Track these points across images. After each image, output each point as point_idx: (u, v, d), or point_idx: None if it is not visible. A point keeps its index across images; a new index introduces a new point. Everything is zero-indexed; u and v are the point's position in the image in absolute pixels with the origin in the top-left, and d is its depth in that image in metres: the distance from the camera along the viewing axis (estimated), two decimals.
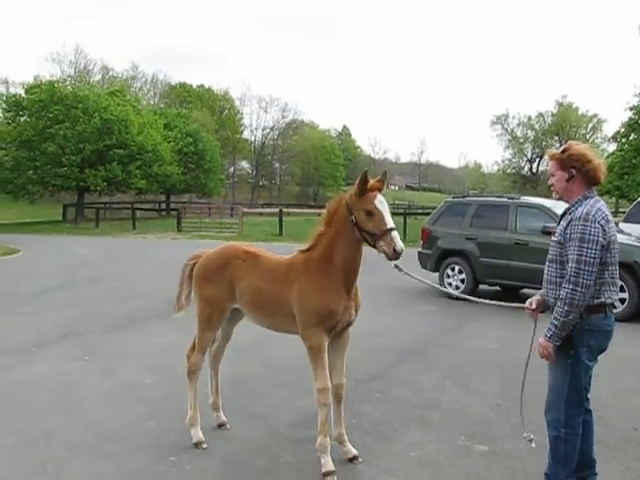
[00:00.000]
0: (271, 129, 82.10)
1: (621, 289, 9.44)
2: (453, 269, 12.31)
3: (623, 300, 9.77)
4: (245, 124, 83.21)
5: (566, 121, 74.47)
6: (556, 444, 3.79)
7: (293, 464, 4.58)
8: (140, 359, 7.44)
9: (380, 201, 4.21)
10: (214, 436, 5.05)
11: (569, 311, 3.55)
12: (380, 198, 4.23)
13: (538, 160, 76.42)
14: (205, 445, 4.85)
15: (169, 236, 29.35)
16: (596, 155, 3.78)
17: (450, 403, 6.00)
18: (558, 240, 3.74)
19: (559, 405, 3.74)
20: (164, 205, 51.37)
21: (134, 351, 7.85)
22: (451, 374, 6.95)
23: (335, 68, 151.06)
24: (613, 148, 44.85)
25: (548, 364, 3.82)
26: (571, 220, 3.65)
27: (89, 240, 26.93)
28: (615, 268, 3.72)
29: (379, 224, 4.16)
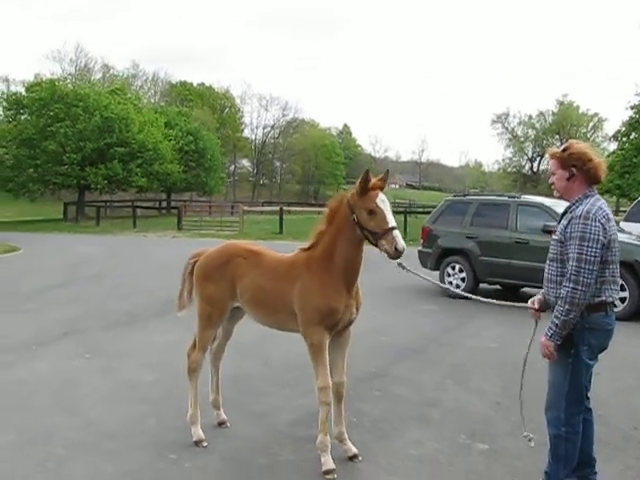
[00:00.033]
0: (272, 127, 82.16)
1: (621, 288, 9.44)
2: (453, 268, 12.30)
3: (623, 299, 9.79)
4: (246, 122, 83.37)
5: (567, 120, 74.37)
6: (556, 443, 3.80)
7: (293, 462, 4.58)
8: (140, 357, 7.45)
9: (382, 200, 4.21)
10: (214, 434, 5.05)
11: (570, 310, 3.55)
12: (382, 197, 4.22)
13: (539, 159, 76.36)
14: (205, 443, 4.85)
15: (169, 234, 29.35)
16: (597, 154, 3.78)
17: (450, 401, 6.00)
18: (559, 239, 3.74)
19: (559, 403, 3.74)
20: (165, 203, 51.45)
21: (134, 349, 7.86)
22: (451, 373, 6.95)
23: (335, 67, 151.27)
24: (614, 147, 44.85)
25: (548, 363, 3.83)
26: (571, 219, 3.66)
27: (90, 238, 26.93)
28: (616, 267, 3.72)
29: (381, 223, 4.16)
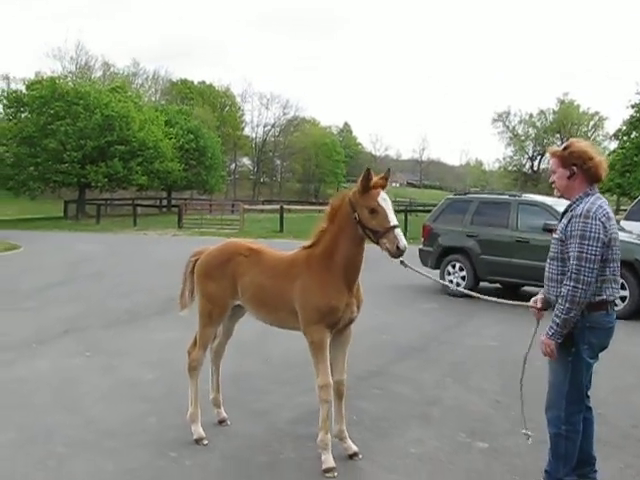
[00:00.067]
0: (272, 126, 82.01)
1: (622, 287, 9.44)
2: (454, 266, 12.30)
3: (624, 298, 9.79)
4: (246, 121, 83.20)
5: (567, 119, 74.29)
6: (556, 441, 3.80)
7: (294, 460, 4.58)
8: (141, 355, 7.45)
9: (383, 198, 4.20)
10: (215, 432, 5.05)
11: (570, 308, 3.55)
12: (383, 195, 4.21)
13: (539, 158, 76.30)
14: (206, 441, 4.86)
15: (170, 232, 29.33)
16: (597, 152, 3.78)
17: (450, 400, 6.00)
18: (559, 238, 3.74)
19: (560, 402, 3.74)
20: (165, 202, 51.45)
21: (135, 347, 7.86)
22: (452, 371, 6.96)
23: (336, 66, 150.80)
24: (615, 146, 44.84)
25: (549, 361, 3.83)
26: (572, 217, 3.65)
27: (90, 236, 26.93)
28: (617, 265, 3.72)
29: (382, 221, 4.15)
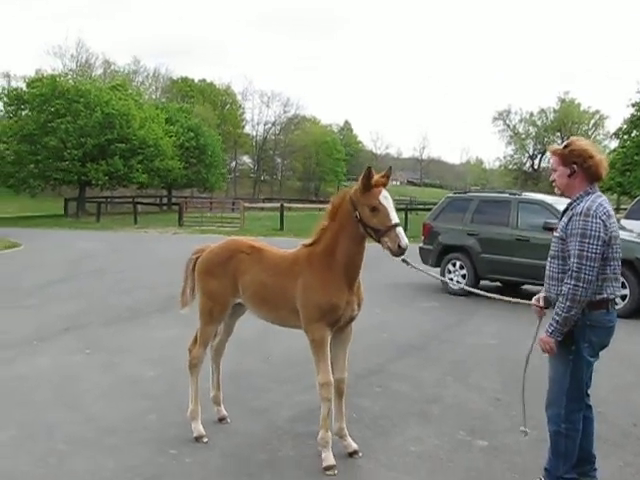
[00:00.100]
0: (273, 124, 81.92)
1: (622, 285, 9.44)
2: (454, 265, 12.30)
3: (624, 297, 9.79)
4: (247, 119, 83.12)
5: (568, 117, 74.21)
6: (556, 439, 3.81)
7: (293, 458, 4.59)
8: (142, 352, 7.46)
9: (385, 197, 4.19)
10: (215, 430, 5.06)
11: (571, 306, 3.55)
12: (385, 194, 4.20)
13: (540, 156, 76.23)
14: (206, 439, 4.87)
15: (170, 230, 29.33)
16: (598, 151, 3.78)
17: (450, 398, 6.01)
18: (560, 236, 3.74)
19: (560, 400, 3.75)
20: (165, 200, 51.40)
21: (136, 344, 7.86)
22: (452, 369, 6.96)
23: (336, 64, 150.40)
24: (615, 145, 44.86)
25: (549, 359, 3.83)
26: (572, 216, 3.66)
27: (90, 234, 26.94)
28: (617, 264, 3.72)
29: (384, 220, 4.15)
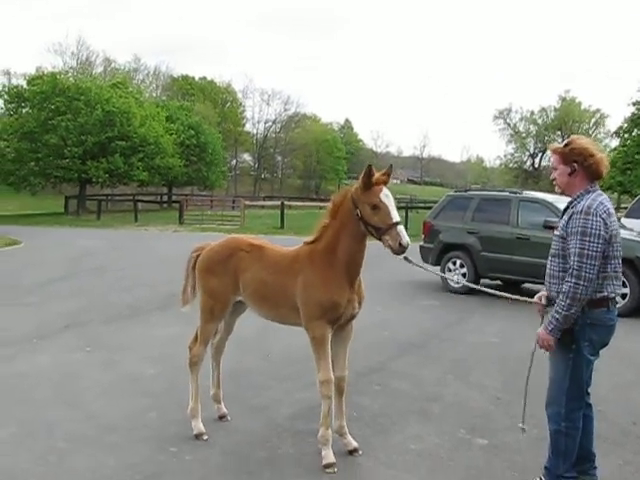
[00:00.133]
0: (273, 122, 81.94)
1: (622, 284, 9.44)
2: (454, 263, 12.29)
3: (624, 295, 9.78)
4: (247, 117, 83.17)
5: (569, 116, 74.19)
6: (557, 438, 3.81)
7: (293, 456, 4.59)
8: (142, 350, 7.46)
9: (386, 195, 4.18)
10: (215, 428, 5.07)
11: (571, 305, 3.55)
12: (386, 192, 4.20)
13: (540, 155, 76.21)
14: (206, 436, 4.87)
15: (171, 228, 29.35)
16: (598, 149, 3.78)
17: (450, 396, 6.01)
18: (560, 234, 3.74)
19: (560, 399, 3.75)
20: (166, 197, 51.44)
21: (136, 342, 7.86)
22: (452, 368, 6.96)
23: (337, 62, 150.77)
24: (616, 143, 44.85)
25: (549, 358, 3.84)
26: (573, 214, 3.65)
27: (91, 232, 26.95)
28: (618, 262, 3.72)
29: (385, 218, 4.14)
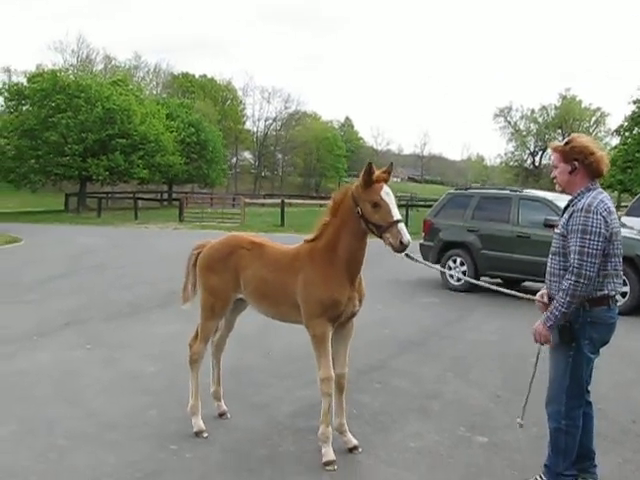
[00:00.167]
0: (274, 120, 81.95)
1: (622, 282, 9.42)
2: (455, 261, 12.29)
3: (624, 294, 9.77)
4: (248, 115, 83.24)
5: (569, 114, 74.18)
6: (556, 436, 3.81)
7: (294, 454, 4.60)
8: (142, 348, 7.46)
9: (386, 192, 4.17)
10: (215, 425, 5.07)
11: (571, 302, 3.56)
12: (386, 189, 4.19)
13: (541, 153, 76.25)
14: (206, 434, 4.87)
15: (171, 226, 29.35)
16: (599, 147, 3.78)
17: (450, 394, 6.01)
18: (561, 232, 3.74)
19: (560, 397, 3.76)
20: (166, 195, 51.49)
21: (136, 340, 7.86)
22: (452, 365, 6.96)
23: (338, 60, 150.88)
24: (616, 142, 44.85)
25: (550, 357, 3.84)
26: (573, 212, 3.65)
27: (91, 229, 26.94)
28: (619, 260, 3.73)
29: (385, 216, 4.13)
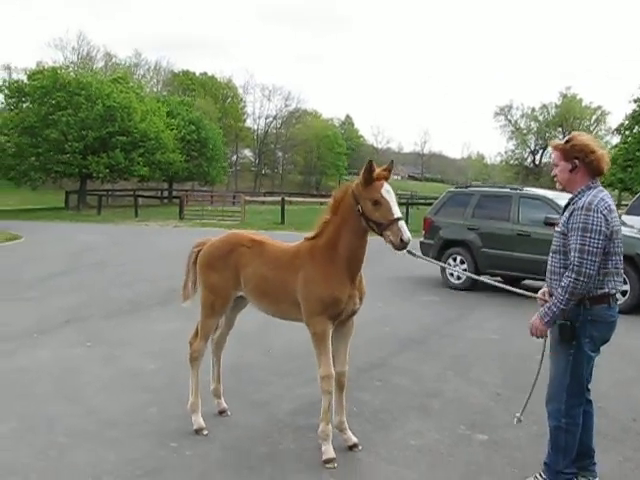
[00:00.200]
0: (274, 118, 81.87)
1: (623, 281, 9.42)
2: (455, 259, 12.29)
3: (624, 292, 9.77)
4: (248, 112, 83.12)
5: (570, 113, 74.08)
6: (557, 434, 3.82)
7: (294, 451, 4.60)
8: (143, 345, 7.46)
9: (387, 190, 4.17)
10: (215, 423, 5.07)
11: (569, 300, 3.57)
12: (387, 187, 4.18)
13: (541, 151, 76.19)
14: (206, 432, 4.87)
15: (171, 224, 29.32)
16: (599, 145, 3.78)
17: (450, 392, 6.01)
18: (561, 231, 3.74)
19: (560, 395, 3.76)
20: (166, 193, 51.43)
21: (137, 337, 7.87)
22: (452, 364, 6.96)
23: (338, 58, 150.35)
24: (617, 140, 44.83)
25: (550, 355, 3.85)
26: (574, 210, 3.65)
27: (91, 227, 26.94)
28: (619, 258, 3.73)
29: (386, 214, 4.13)
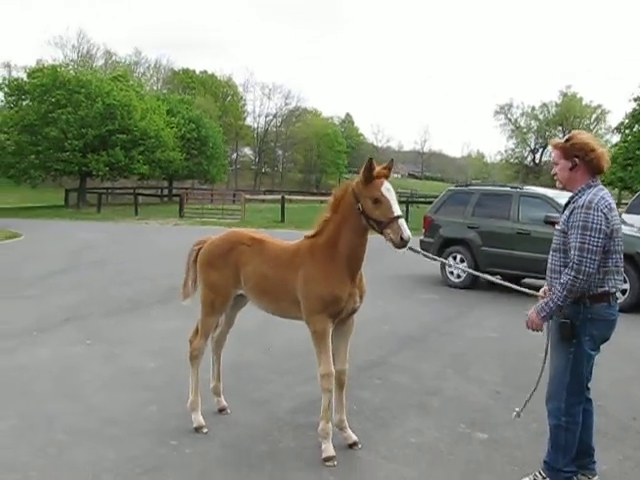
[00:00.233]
0: (274, 116, 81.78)
1: (623, 280, 9.42)
2: (455, 258, 12.28)
3: (624, 291, 9.78)
4: (248, 111, 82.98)
5: (570, 111, 74.01)
6: (556, 432, 3.82)
7: (294, 450, 4.60)
8: (143, 344, 7.46)
9: (387, 188, 4.17)
10: (215, 421, 5.08)
11: (567, 297, 3.58)
12: (387, 185, 4.19)
13: (541, 150, 76.12)
14: (206, 430, 4.88)
15: (171, 222, 29.31)
16: (599, 144, 3.78)
17: (450, 390, 6.02)
18: (562, 229, 3.74)
19: (560, 394, 3.76)
20: (166, 191, 51.40)
21: (137, 336, 7.87)
22: (452, 362, 6.97)
23: (338, 57, 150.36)
24: (617, 139, 44.84)
25: (550, 353, 3.86)
26: (574, 209, 3.66)
27: (91, 225, 26.94)
28: (620, 257, 3.74)
29: (386, 212, 4.13)
